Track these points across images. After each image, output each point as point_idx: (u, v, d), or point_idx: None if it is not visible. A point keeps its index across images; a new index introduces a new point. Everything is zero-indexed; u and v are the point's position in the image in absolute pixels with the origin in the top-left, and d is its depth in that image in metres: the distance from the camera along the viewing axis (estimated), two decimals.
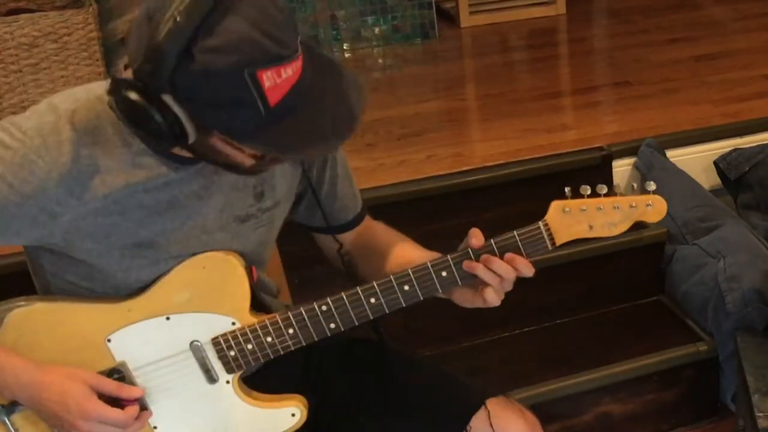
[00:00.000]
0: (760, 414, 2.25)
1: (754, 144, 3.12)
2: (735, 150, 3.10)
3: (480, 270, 1.57)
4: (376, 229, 1.81)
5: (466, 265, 1.58)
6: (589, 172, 3.05)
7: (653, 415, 2.65)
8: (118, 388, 1.55)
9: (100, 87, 1.50)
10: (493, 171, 2.96)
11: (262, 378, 1.68)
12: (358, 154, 3.11)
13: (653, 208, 1.57)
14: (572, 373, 2.56)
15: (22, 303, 1.57)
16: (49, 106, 1.48)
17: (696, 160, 3.15)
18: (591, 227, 1.58)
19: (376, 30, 4.28)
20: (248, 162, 1.45)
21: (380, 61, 4.22)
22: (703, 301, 2.65)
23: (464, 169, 2.96)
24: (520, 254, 1.58)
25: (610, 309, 2.82)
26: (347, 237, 1.79)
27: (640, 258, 2.83)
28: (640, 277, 2.86)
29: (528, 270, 1.58)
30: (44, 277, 1.61)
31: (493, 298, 1.59)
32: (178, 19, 1.29)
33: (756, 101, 3.34)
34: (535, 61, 4.14)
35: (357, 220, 1.79)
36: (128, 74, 1.38)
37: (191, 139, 1.39)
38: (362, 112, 1.43)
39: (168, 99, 1.34)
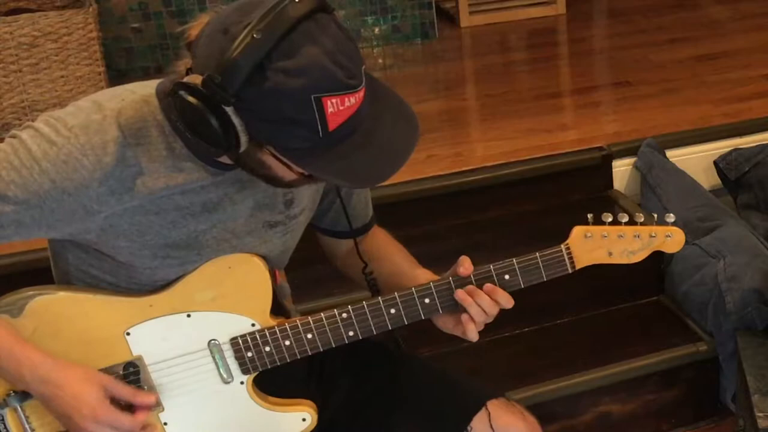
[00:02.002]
0: (760, 414, 2.25)
1: (754, 144, 3.12)
2: (735, 150, 3.10)
3: (470, 304, 1.60)
4: (373, 241, 1.82)
5: (459, 295, 1.61)
6: (589, 172, 3.06)
7: (653, 415, 2.65)
8: (133, 395, 1.56)
9: (144, 88, 1.52)
10: (493, 171, 2.96)
11: (268, 376, 1.67)
12: None
13: (672, 239, 1.63)
14: (572, 373, 2.56)
15: (45, 291, 1.58)
16: (94, 104, 1.49)
17: (696, 160, 3.15)
18: (610, 253, 1.63)
19: (376, 30, 4.28)
20: (291, 177, 1.47)
21: (380, 61, 4.22)
22: (703, 301, 2.65)
23: (464, 169, 2.97)
24: (540, 277, 1.63)
25: (610, 309, 2.82)
26: (341, 245, 1.81)
27: None
28: (640, 277, 2.85)
29: (508, 303, 1.62)
30: (66, 269, 1.61)
31: (474, 334, 1.64)
32: (255, 35, 1.31)
33: (756, 101, 3.34)
34: (535, 61, 4.14)
35: (360, 231, 1.80)
36: (191, 79, 1.38)
37: (242, 149, 1.40)
38: (416, 143, 1.48)
39: (229, 110, 1.36)
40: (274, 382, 1.69)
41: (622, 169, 3.09)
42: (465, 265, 1.61)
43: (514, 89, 3.72)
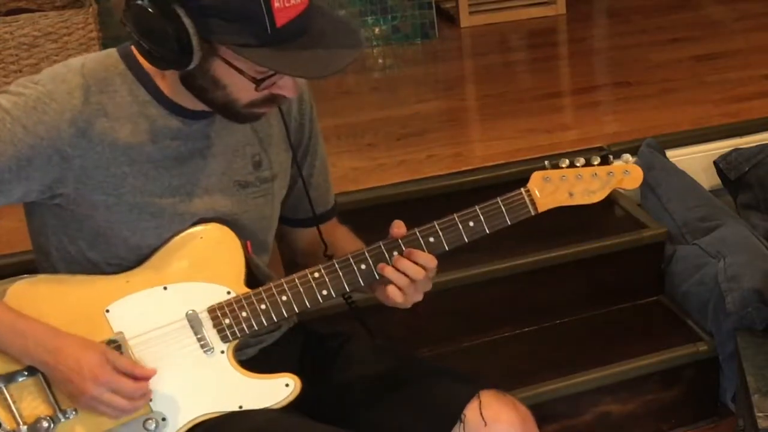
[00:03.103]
0: (760, 414, 2.25)
1: (754, 144, 3.12)
2: (735, 150, 3.10)
3: (389, 272, 1.63)
4: (341, 231, 1.87)
5: (380, 268, 1.64)
6: None
7: (653, 415, 2.65)
8: (132, 366, 1.59)
9: (106, 50, 1.64)
10: (493, 171, 2.96)
11: (256, 369, 1.68)
12: (358, 154, 3.11)
13: (630, 176, 1.68)
14: (572, 373, 2.56)
15: (25, 277, 1.62)
16: (61, 64, 1.60)
17: (696, 160, 3.15)
18: (571, 195, 1.67)
19: (376, 30, 4.28)
20: (247, 97, 1.53)
21: (380, 61, 4.23)
22: (703, 301, 2.65)
23: (464, 169, 2.97)
24: (504, 222, 1.68)
25: (610, 309, 2.82)
26: (304, 236, 1.84)
27: (640, 258, 2.83)
28: (640, 277, 2.85)
29: (431, 263, 1.64)
30: (47, 250, 1.66)
31: (396, 294, 1.64)
32: None
33: (756, 101, 3.34)
34: (535, 61, 4.15)
35: (326, 216, 1.84)
36: None
37: (196, 58, 1.46)
38: (360, 48, 1.54)
39: (179, 10, 1.43)
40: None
41: None
42: (399, 227, 1.65)
43: (514, 89, 3.72)
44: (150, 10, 1.44)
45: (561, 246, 2.70)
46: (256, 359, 1.74)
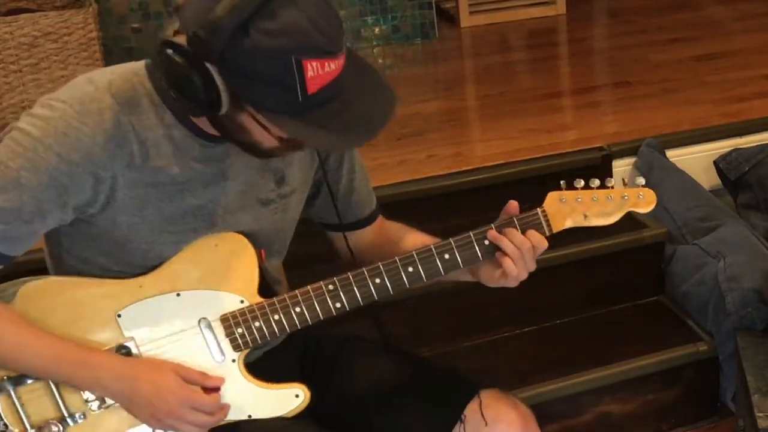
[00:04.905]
0: (760, 414, 2.25)
1: (754, 144, 3.12)
2: (735, 150, 3.10)
3: (502, 240, 1.66)
4: (390, 226, 1.86)
5: (491, 236, 1.67)
6: (589, 172, 3.04)
7: (653, 415, 2.65)
8: (203, 377, 1.60)
9: (133, 64, 1.58)
10: (493, 171, 2.96)
11: (260, 374, 1.68)
12: None
13: (644, 199, 1.70)
14: (572, 373, 2.56)
15: (36, 277, 1.60)
16: (85, 79, 1.55)
17: (696, 160, 3.15)
18: (586, 216, 1.69)
19: (376, 30, 4.28)
20: (270, 144, 1.51)
21: (380, 61, 4.22)
22: (703, 301, 2.65)
23: (464, 169, 2.96)
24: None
25: (610, 309, 2.82)
26: (364, 236, 1.83)
27: (640, 258, 2.83)
28: (640, 277, 2.85)
29: (541, 243, 1.67)
30: (58, 253, 1.64)
31: (512, 268, 1.65)
32: None
33: (756, 101, 3.34)
34: (535, 61, 4.15)
35: (372, 217, 1.84)
36: (177, 38, 1.44)
37: (224, 109, 1.44)
38: (391, 117, 1.51)
39: (212, 68, 1.41)
40: (266, 377, 1.69)
41: (622, 169, 3.08)
42: (514, 206, 1.70)
43: (514, 89, 3.72)
44: (182, 62, 1.42)
45: (561, 246, 2.70)
46: (260, 360, 1.73)
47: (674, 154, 3.11)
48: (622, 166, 3.08)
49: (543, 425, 1.80)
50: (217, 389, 1.61)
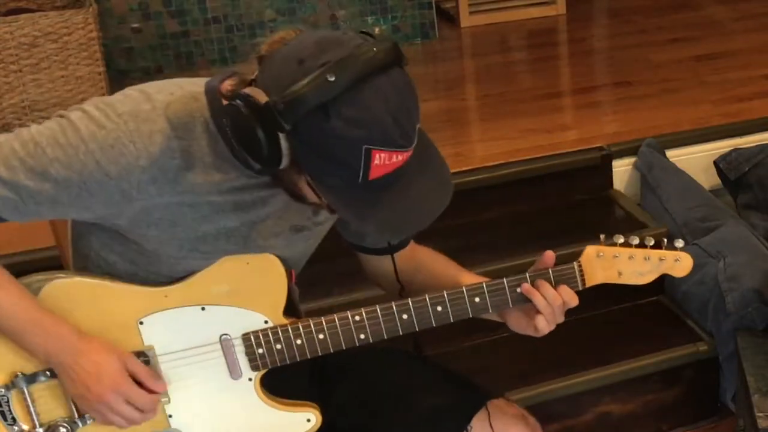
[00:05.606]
0: (760, 414, 2.25)
1: (754, 144, 3.12)
2: (735, 150, 3.10)
3: (535, 295, 1.64)
4: (423, 253, 1.83)
5: (525, 289, 1.65)
6: (589, 172, 3.06)
7: (653, 415, 2.65)
8: (148, 376, 1.57)
9: (192, 85, 1.54)
10: (493, 171, 2.96)
11: (270, 377, 1.67)
12: None
13: (681, 264, 1.67)
14: (572, 373, 2.56)
15: (62, 275, 1.59)
16: (143, 94, 1.50)
17: (696, 160, 3.15)
18: (620, 274, 1.68)
19: (376, 30, 4.28)
20: (316, 201, 1.51)
21: None
22: (703, 301, 2.65)
23: (464, 169, 2.96)
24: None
25: (610, 309, 2.82)
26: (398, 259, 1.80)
27: None
28: None
29: (573, 300, 1.66)
30: (86, 253, 1.62)
31: (543, 325, 1.66)
32: (329, 77, 1.34)
33: (756, 101, 3.34)
34: (535, 61, 4.15)
35: (403, 242, 1.80)
36: (254, 93, 1.40)
37: (282, 166, 1.43)
38: (444, 207, 1.52)
39: (282, 135, 1.39)
40: (276, 382, 1.69)
41: (622, 169, 3.09)
42: (550, 257, 1.67)
43: (514, 89, 3.72)
44: (252, 119, 1.39)
45: (561, 246, 2.70)
46: (271, 371, 1.70)
47: (674, 154, 3.11)
48: (622, 166, 3.09)
49: (543, 425, 1.80)
50: (158, 393, 1.58)
